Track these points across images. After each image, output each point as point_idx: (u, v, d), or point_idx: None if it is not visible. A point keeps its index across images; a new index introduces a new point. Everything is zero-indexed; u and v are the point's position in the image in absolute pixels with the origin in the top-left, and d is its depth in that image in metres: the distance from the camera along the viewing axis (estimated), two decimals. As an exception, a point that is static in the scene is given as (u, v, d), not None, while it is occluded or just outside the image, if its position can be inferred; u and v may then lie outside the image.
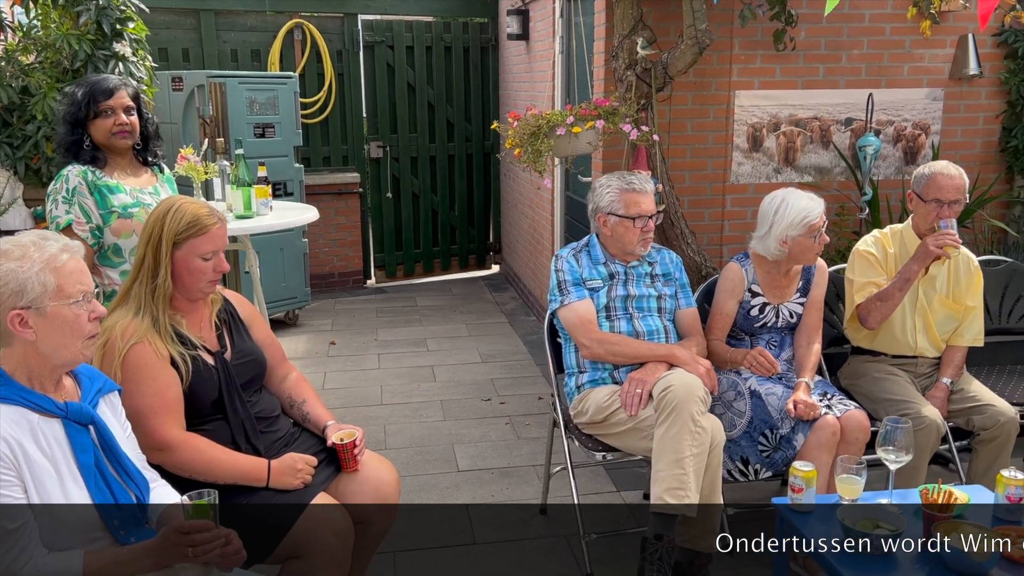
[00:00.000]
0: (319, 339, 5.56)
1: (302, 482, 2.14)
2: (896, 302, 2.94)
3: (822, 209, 2.86)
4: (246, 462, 2.13)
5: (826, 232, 2.90)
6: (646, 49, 3.49)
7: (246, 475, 2.11)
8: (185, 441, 2.07)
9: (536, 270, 6.01)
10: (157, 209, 2.18)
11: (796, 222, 2.83)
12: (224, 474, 2.09)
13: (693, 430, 2.50)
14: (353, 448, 2.22)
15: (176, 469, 2.05)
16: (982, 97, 4.42)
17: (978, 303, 3.07)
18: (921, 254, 2.91)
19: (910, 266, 2.92)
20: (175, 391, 2.09)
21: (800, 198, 2.86)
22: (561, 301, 2.87)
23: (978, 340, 3.08)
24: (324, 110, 6.71)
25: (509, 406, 4.34)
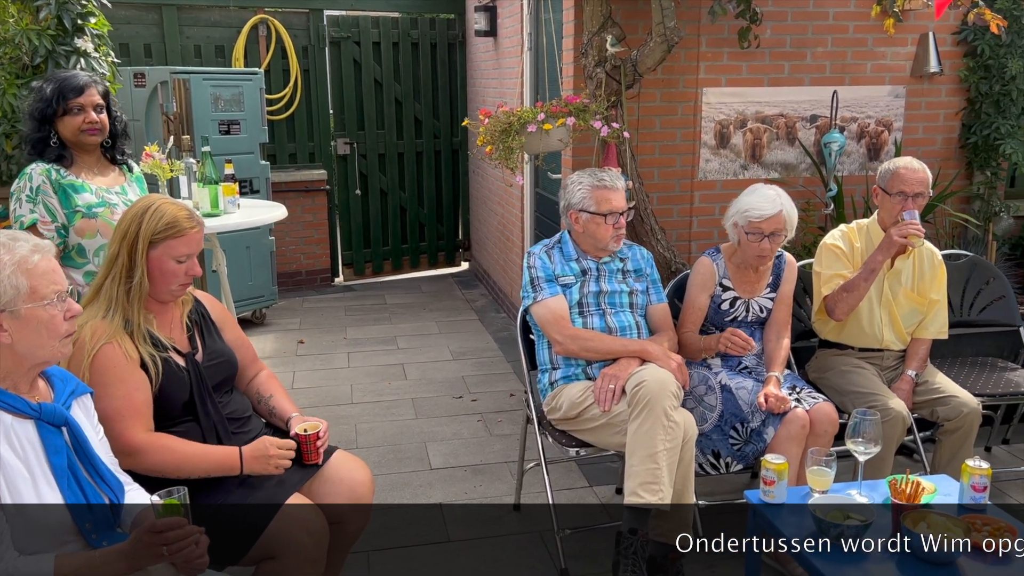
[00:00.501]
0: (287, 338, 5.51)
1: (276, 468, 2.12)
2: (862, 292, 2.99)
3: (774, 215, 2.83)
4: (217, 453, 2.10)
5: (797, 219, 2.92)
6: (615, 46, 3.51)
7: (219, 466, 2.08)
8: (152, 442, 2.04)
9: (506, 267, 6.01)
10: (135, 207, 2.14)
11: (742, 211, 2.88)
12: (197, 469, 2.06)
13: (666, 425, 2.52)
14: (316, 440, 2.20)
15: (148, 471, 2.02)
16: (942, 94, 4.51)
17: (942, 296, 3.14)
18: (886, 244, 2.96)
19: (875, 257, 2.98)
20: (144, 394, 2.05)
21: (761, 196, 2.88)
22: (534, 298, 2.88)
23: (942, 333, 3.14)
24: (290, 107, 6.64)
25: (481, 403, 4.34)
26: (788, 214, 2.87)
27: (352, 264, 7.16)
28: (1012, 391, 3.26)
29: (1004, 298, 3.54)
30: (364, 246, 7.18)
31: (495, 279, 6.45)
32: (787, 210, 2.87)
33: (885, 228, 3.03)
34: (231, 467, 2.09)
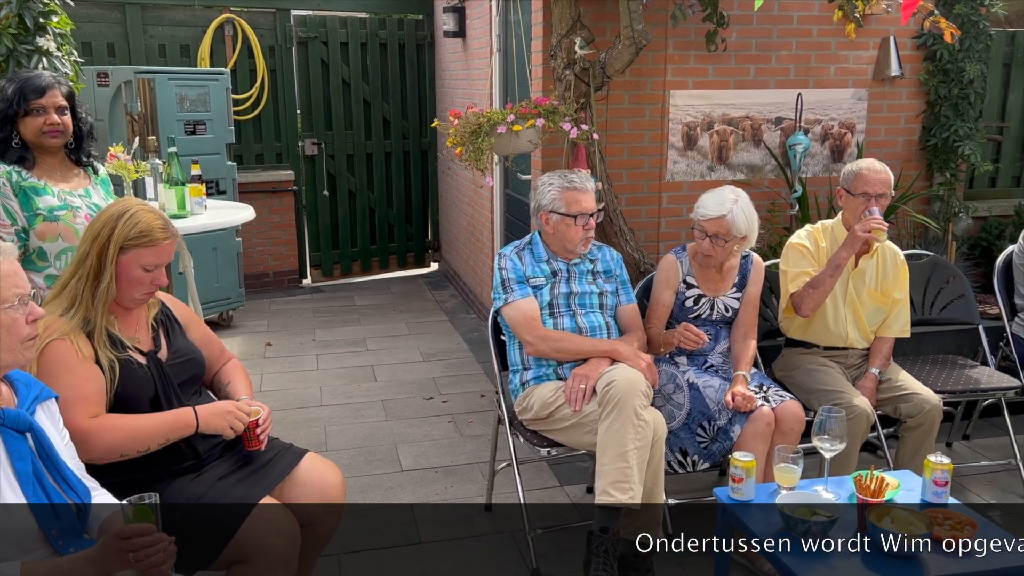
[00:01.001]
0: (255, 340, 5.46)
1: (231, 426, 2.12)
2: (828, 288, 3.04)
3: (716, 217, 2.86)
4: (169, 415, 2.09)
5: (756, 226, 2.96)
6: (584, 49, 3.53)
7: (174, 427, 2.07)
8: (99, 424, 2.00)
9: (476, 268, 6.01)
10: (112, 209, 2.12)
11: (696, 207, 2.95)
12: (154, 437, 2.04)
13: (636, 424, 2.54)
14: (255, 427, 2.18)
15: (106, 455, 1.99)
16: (903, 97, 4.60)
17: (904, 295, 3.21)
18: (850, 240, 3.02)
19: (840, 253, 3.03)
20: (95, 384, 2.03)
21: (716, 197, 2.92)
22: (505, 299, 2.89)
23: (905, 331, 3.21)
24: (257, 107, 6.58)
25: (452, 404, 4.34)
26: (734, 220, 2.86)
27: (320, 265, 7.12)
28: (972, 388, 3.33)
29: (964, 297, 3.62)
30: (332, 247, 7.13)
31: (465, 280, 6.45)
32: (734, 216, 2.86)
33: (849, 228, 3.09)
34: (187, 426, 2.09)
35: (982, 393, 3.39)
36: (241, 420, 2.15)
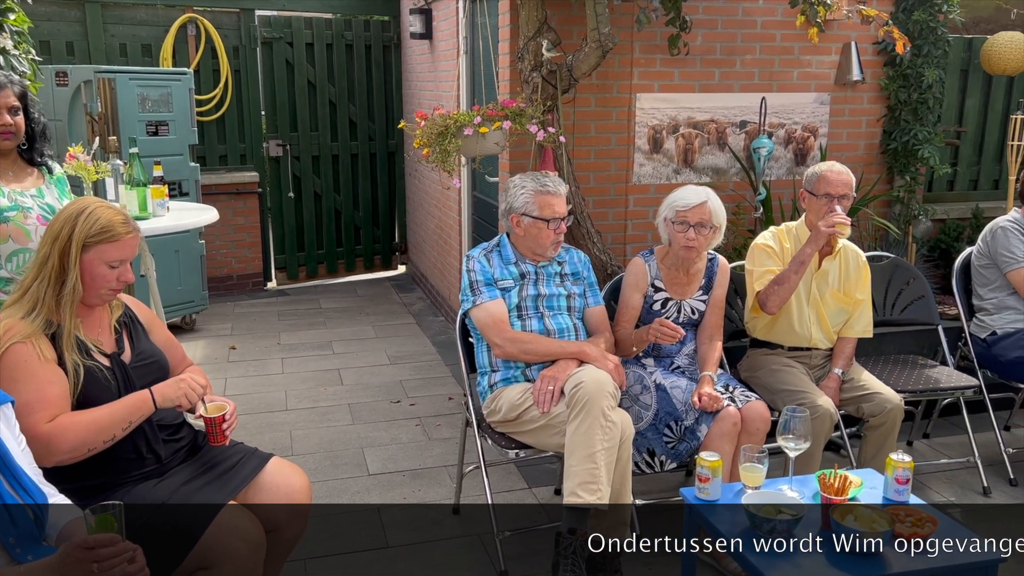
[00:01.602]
0: (218, 344, 5.39)
1: (185, 395, 2.11)
2: (792, 285, 3.07)
3: (698, 204, 2.91)
4: (126, 400, 2.07)
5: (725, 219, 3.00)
6: (551, 51, 3.54)
7: (133, 410, 2.05)
8: (57, 425, 1.96)
9: (444, 270, 6.00)
10: (69, 209, 2.08)
11: (671, 204, 2.98)
12: (115, 424, 2.02)
13: (604, 425, 2.55)
14: (222, 422, 2.16)
15: (72, 456, 1.96)
16: (864, 102, 4.68)
17: (866, 296, 3.26)
18: (814, 237, 3.06)
19: (804, 249, 3.08)
20: (59, 388, 1.99)
21: (689, 190, 2.99)
22: (473, 301, 2.88)
23: (867, 332, 3.26)
24: (220, 107, 6.50)
25: (419, 407, 4.32)
26: (714, 206, 2.94)
27: (285, 268, 7.04)
28: (932, 387, 3.40)
29: (924, 298, 3.69)
30: (298, 249, 7.06)
31: (433, 282, 6.43)
32: (713, 202, 2.95)
33: (814, 229, 3.13)
34: (144, 407, 2.07)
35: (942, 392, 3.46)
36: (195, 388, 2.13)
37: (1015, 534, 3.18)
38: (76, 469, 2.02)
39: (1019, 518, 3.24)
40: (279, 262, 7.02)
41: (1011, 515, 3.27)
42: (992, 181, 5.54)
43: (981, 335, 3.59)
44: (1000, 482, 3.50)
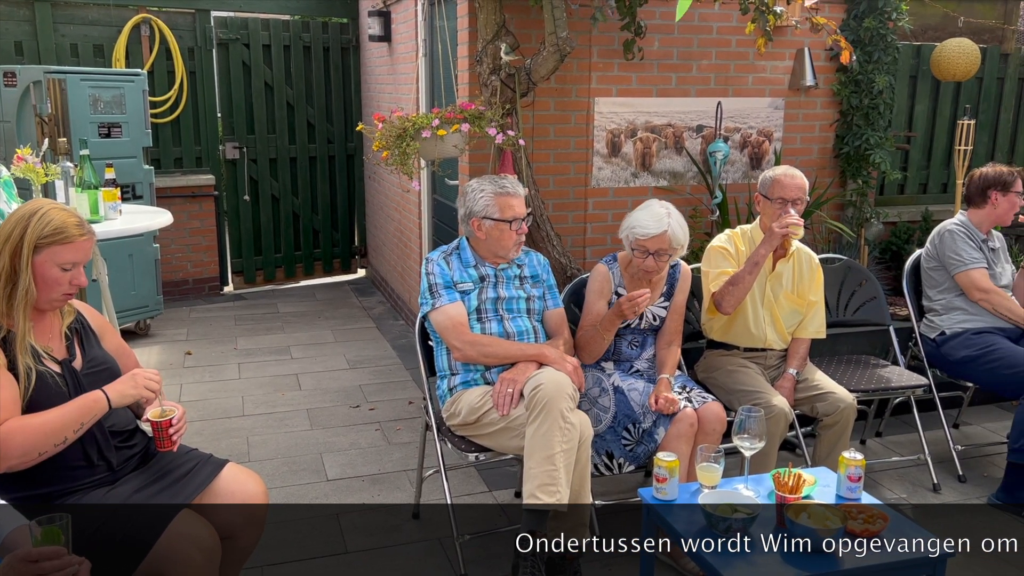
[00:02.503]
0: (174, 349, 5.30)
1: (145, 387, 2.07)
2: (747, 286, 3.11)
3: (658, 234, 2.85)
4: (79, 401, 2.01)
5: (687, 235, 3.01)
6: (509, 55, 3.55)
7: (86, 411, 2.00)
8: (7, 429, 1.91)
9: (404, 273, 5.97)
10: (20, 211, 2.03)
11: (631, 227, 2.93)
12: (67, 426, 1.96)
13: (563, 426, 2.56)
14: (168, 426, 2.11)
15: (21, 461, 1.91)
16: (818, 107, 4.77)
17: (819, 298, 3.32)
18: (768, 238, 3.11)
19: (759, 250, 3.12)
20: (8, 393, 1.94)
21: (651, 213, 2.91)
22: (432, 304, 2.88)
23: (820, 332, 3.32)
24: (175, 109, 6.40)
25: (379, 412, 4.29)
26: (674, 234, 2.88)
27: (243, 272, 6.94)
28: (884, 386, 3.47)
29: (875, 299, 3.77)
30: (255, 253, 6.97)
31: (393, 286, 6.40)
32: (673, 230, 2.88)
33: (767, 231, 3.18)
34: (97, 407, 2.02)
35: (893, 391, 3.53)
36: (151, 379, 2.09)
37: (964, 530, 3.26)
38: (24, 477, 1.97)
39: (968, 514, 3.33)
40: (236, 266, 6.93)
41: (960, 511, 3.35)
42: (941, 185, 5.69)
43: (930, 335, 3.68)
44: (949, 479, 3.59)
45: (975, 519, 3.28)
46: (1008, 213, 3.60)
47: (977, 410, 4.28)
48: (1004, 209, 3.59)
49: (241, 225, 6.84)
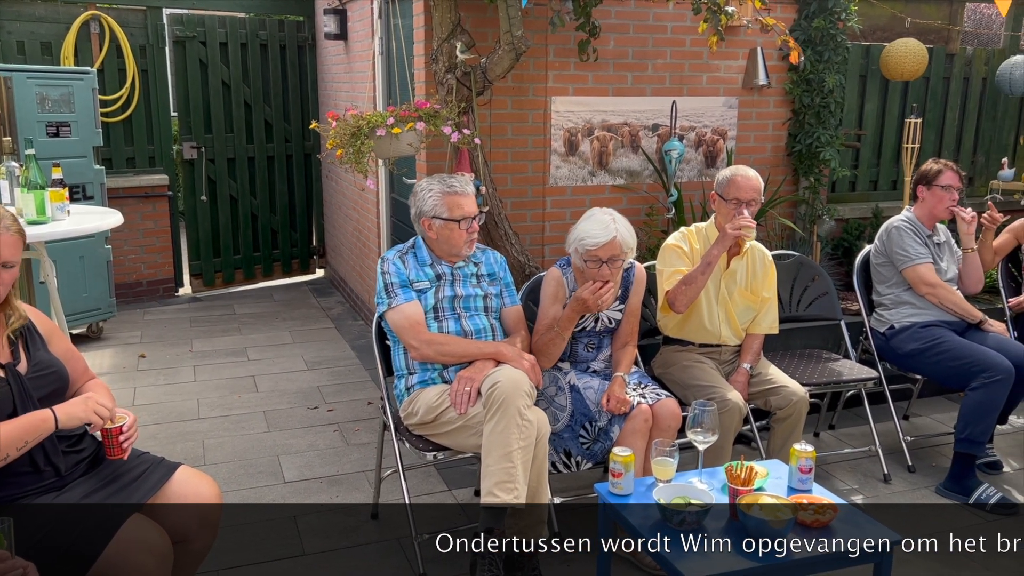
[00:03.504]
0: (127, 353, 5.21)
1: (95, 411, 2.03)
2: (700, 285, 3.15)
3: (607, 242, 2.85)
4: (25, 419, 1.97)
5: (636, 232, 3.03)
6: (465, 53, 3.54)
7: (31, 429, 1.96)
8: None
9: (363, 273, 5.93)
10: None
11: (580, 239, 2.92)
12: (11, 443, 1.92)
13: (520, 424, 2.57)
14: (119, 433, 2.08)
15: None
16: (770, 106, 4.84)
17: (772, 294, 3.37)
18: (721, 238, 3.15)
19: (711, 251, 3.16)
20: None
21: (596, 221, 2.90)
22: (388, 303, 2.87)
23: (773, 328, 3.37)
24: (127, 108, 6.28)
25: (338, 413, 4.26)
26: (623, 239, 2.88)
27: (201, 274, 6.81)
28: (835, 380, 3.54)
29: (827, 294, 3.84)
30: (214, 255, 6.85)
31: (352, 286, 6.36)
32: (621, 234, 2.88)
33: (721, 231, 3.23)
34: (44, 426, 1.98)
35: (844, 384, 3.60)
36: (103, 404, 2.05)
37: (912, 518, 3.34)
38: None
39: (916, 503, 3.40)
40: (194, 268, 6.80)
41: (909, 500, 3.43)
42: (891, 182, 5.81)
43: (880, 329, 3.76)
44: (900, 469, 3.67)
45: (924, 508, 3.36)
46: (937, 207, 3.65)
47: (926, 402, 4.38)
48: (931, 203, 3.66)
49: (199, 226, 6.71)
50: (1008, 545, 3.13)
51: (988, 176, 5.93)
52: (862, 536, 2.09)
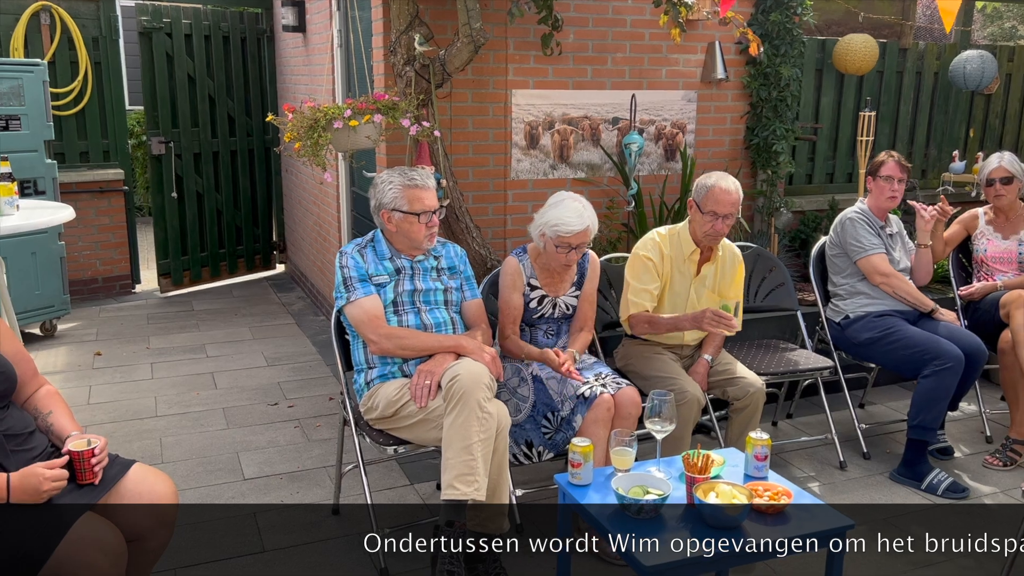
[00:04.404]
0: (82, 350, 5.11)
1: (47, 492, 1.97)
2: (662, 332, 3.19)
3: (581, 230, 2.93)
4: None
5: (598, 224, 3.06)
6: (423, 46, 3.53)
7: None
8: None
9: (324, 268, 5.88)
10: None
11: (551, 224, 2.96)
12: None
13: (480, 416, 2.57)
14: (90, 457, 2.05)
15: None
16: (729, 99, 4.89)
17: (739, 296, 3.36)
18: (696, 321, 3.09)
19: (683, 323, 3.14)
20: None
21: (570, 209, 2.96)
22: (347, 298, 2.85)
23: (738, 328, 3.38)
24: (80, 101, 6.15)
25: (298, 409, 4.23)
26: (593, 227, 2.99)
27: (169, 274, 6.58)
28: (792, 369, 3.59)
29: (784, 285, 3.89)
30: (182, 253, 6.65)
31: (312, 281, 6.30)
32: (592, 224, 2.98)
33: (695, 238, 3.20)
34: None
35: (801, 374, 3.66)
36: (58, 485, 1.98)
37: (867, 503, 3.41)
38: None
39: (871, 489, 3.47)
40: (163, 268, 6.55)
41: (864, 486, 3.50)
42: (846, 174, 5.91)
43: (836, 319, 3.82)
44: (855, 456, 3.74)
45: (878, 493, 3.43)
46: (882, 197, 3.72)
47: (881, 390, 4.47)
48: (878, 194, 3.73)
49: (168, 224, 6.50)
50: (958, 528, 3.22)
51: (940, 168, 6.05)
52: (816, 522, 2.13)
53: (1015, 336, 3.63)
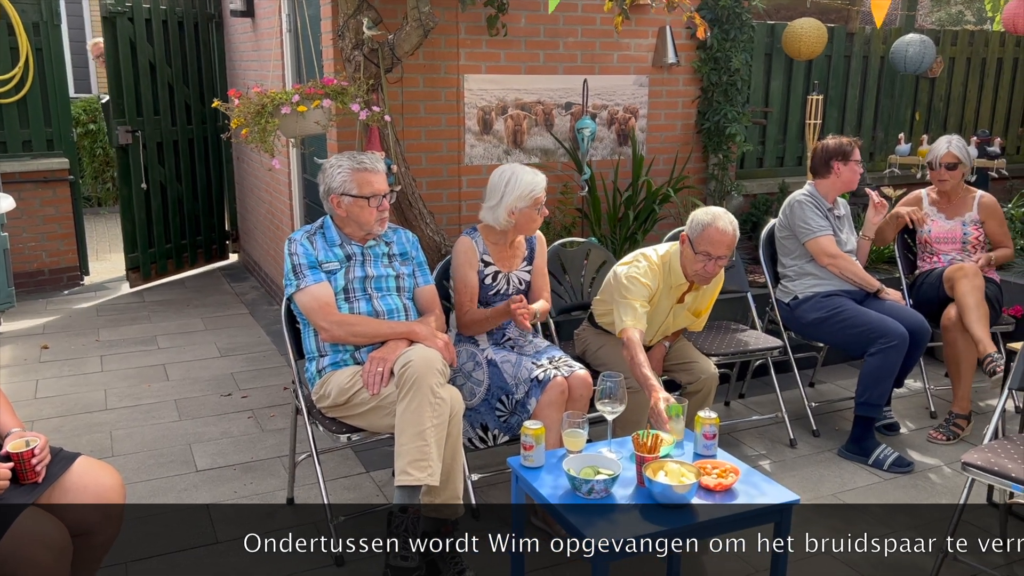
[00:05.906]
0: (28, 344, 4.99)
1: None
2: None
3: (545, 183, 3.07)
4: None
5: (551, 211, 3.09)
6: (372, 29, 3.49)
7: None
8: None
9: (277, 257, 5.81)
10: None
11: (524, 194, 3.01)
12: None
13: (433, 402, 2.56)
14: (31, 457, 2.01)
15: None
16: (680, 84, 4.92)
17: (710, 308, 3.31)
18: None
19: (653, 393, 2.71)
20: None
21: (526, 173, 3.05)
22: (297, 285, 2.82)
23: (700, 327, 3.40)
24: (21, 89, 5.97)
25: (252, 399, 4.18)
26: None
27: (139, 268, 6.36)
28: (743, 350, 3.65)
29: (734, 267, 3.94)
30: (148, 246, 6.44)
31: (266, 270, 6.22)
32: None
33: (686, 274, 3.08)
34: None
35: (752, 354, 3.72)
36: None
37: (815, 479, 3.48)
38: None
39: (820, 465, 3.55)
40: (131, 262, 6.33)
41: (813, 463, 3.57)
42: (796, 158, 5.99)
43: (785, 300, 3.88)
44: (805, 434, 3.81)
45: (827, 470, 3.51)
46: (852, 180, 3.81)
47: (830, 369, 4.56)
48: (847, 177, 3.80)
49: (136, 216, 6.27)
50: (902, 500, 3.31)
51: (887, 151, 6.17)
52: (763, 497, 2.17)
53: (960, 302, 3.72)
